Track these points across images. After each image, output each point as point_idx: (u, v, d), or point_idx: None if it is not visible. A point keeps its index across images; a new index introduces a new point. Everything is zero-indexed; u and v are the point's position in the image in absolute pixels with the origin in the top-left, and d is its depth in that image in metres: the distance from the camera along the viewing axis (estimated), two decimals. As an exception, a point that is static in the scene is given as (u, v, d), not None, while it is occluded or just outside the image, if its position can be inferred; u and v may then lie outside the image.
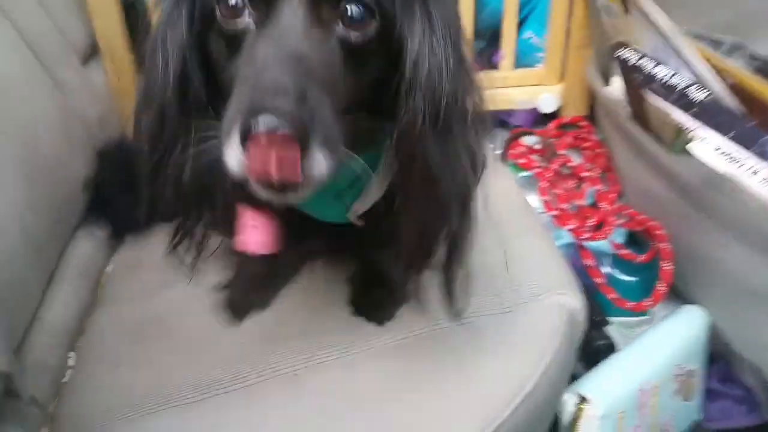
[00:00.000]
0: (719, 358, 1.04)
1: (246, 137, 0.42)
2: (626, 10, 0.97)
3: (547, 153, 1.19)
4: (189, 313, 0.88)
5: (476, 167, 0.59)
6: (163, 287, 0.95)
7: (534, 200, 1.16)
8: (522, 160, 1.20)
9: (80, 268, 1.01)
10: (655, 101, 0.90)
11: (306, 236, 0.84)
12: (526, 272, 0.84)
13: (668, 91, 0.89)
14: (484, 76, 0.57)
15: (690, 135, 0.87)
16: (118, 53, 1.24)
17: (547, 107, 1.30)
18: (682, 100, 0.89)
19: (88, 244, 1.05)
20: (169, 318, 0.88)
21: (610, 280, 1.12)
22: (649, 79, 0.88)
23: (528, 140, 1.32)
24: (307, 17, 0.48)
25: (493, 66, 1.35)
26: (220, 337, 0.84)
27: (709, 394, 1.04)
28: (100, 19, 1.21)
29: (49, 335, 0.88)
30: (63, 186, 1.02)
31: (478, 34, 1.28)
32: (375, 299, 0.83)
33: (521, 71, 1.32)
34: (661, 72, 0.87)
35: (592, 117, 1.34)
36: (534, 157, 1.24)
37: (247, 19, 0.50)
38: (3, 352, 0.75)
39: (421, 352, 0.77)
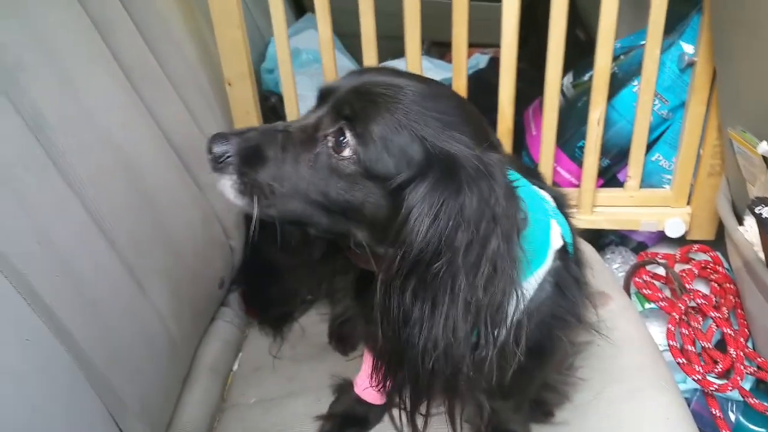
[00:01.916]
0: None
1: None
2: (768, 167, 0.94)
3: (675, 285, 1.15)
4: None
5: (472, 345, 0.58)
6: (285, 397, 0.99)
7: (656, 332, 1.13)
8: (647, 291, 1.17)
9: (211, 367, 1.06)
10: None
11: None
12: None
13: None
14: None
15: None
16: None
17: (675, 232, 1.27)
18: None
19: (217, 343, 1.11)
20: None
21: (738, 428, 1.07)
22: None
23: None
24: (314, 119, 0.61)
25: (618, 184, 1.35)
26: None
27: None
28: (241, 120, 1.30)
29: (183, 439, 0.93)
30: (202, 289, 1.08)
31: (603, 151, 1.27)
32: None
33: (647, 191, 1.30)
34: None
35: (717, 242, 1.30)
36: (657, 284, 1.20)
37: None
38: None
39: None
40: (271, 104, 1.62)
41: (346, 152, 0.58)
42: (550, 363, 0.78)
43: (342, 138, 0.58)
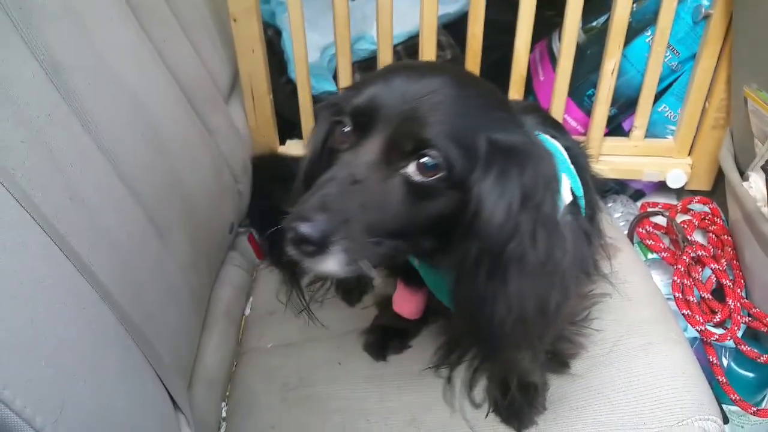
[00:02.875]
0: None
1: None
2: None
3: (678, 236, 1.19)
4: (335, 381, 0.94)
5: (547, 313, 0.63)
6: (303, 343, 1.00)
7: (657, 282, 1.17)
8: (650, 242, 1.20)
9: (225, 312, 1.06)
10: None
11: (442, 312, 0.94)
12: (671, 390, 0.85)
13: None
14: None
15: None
16: (259, 92, 1.28)
17: (676, 183, 1.29)
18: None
19: (228, 288, 1.11)
20: (315, 384, 0.94)
21: (729, 372, 1.13)
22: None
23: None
24: (379, 153, 0.59)
25: (622, 132, 1.35)
26: (370, 413, 0.89)
27: None
28: (245, 58, 1.24)
29: (206, 385, 0.94)
30: (214, 235, 1.07)
31: (612, 100, 1.27)
32: (513, 403, 0.85)
33: (651, 141, 1.32)
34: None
35: (712, 192, 1.34)
36: (658, 234, 1.24)
37: (346, 145, 0.62)
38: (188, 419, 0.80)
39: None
40: (267, 38, 1.56)
41: (433, 171, 0.59)
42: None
43: (424, 162, 0.58)
